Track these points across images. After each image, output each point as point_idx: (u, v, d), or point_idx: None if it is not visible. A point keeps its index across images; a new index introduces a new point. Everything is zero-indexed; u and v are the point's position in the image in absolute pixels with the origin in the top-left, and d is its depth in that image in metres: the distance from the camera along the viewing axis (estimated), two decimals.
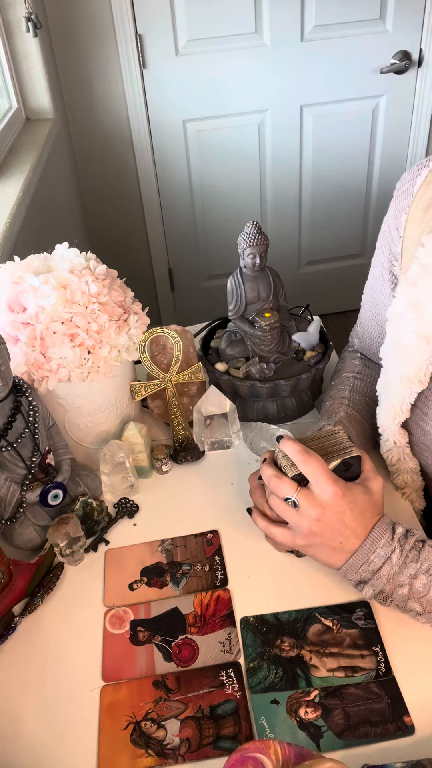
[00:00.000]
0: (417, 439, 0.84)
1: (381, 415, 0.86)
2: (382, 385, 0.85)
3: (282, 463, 0.74)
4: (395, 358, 0.80)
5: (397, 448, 0.86)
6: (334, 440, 0.75)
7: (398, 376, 0.79)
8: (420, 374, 0.77)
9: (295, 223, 2.62)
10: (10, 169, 1.52)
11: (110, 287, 0.91)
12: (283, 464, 0.74)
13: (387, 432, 0.85)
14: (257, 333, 1.02)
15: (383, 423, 0.85)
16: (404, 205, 0.83)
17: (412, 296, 0.76)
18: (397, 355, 0.79)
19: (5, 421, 0.81)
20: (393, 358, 0.81)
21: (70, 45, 2.11)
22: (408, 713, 0.66)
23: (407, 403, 0.80)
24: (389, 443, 0.86)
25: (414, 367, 0.77)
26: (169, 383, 0.98)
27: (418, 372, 0.77)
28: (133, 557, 0.86)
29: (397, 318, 0.79)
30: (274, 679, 0.70)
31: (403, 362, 0.78)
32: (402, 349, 0.78)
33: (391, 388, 0.81)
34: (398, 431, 0.84)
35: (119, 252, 2.52)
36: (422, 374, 0.77)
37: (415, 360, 0.77)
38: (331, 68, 2.28)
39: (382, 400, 0.85)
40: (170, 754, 0.65)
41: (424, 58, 2.30)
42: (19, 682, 0.73)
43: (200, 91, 2.25)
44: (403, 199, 0.83)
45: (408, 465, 0.87)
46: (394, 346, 0.80)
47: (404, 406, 0.81)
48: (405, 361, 0.78)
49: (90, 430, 0.95)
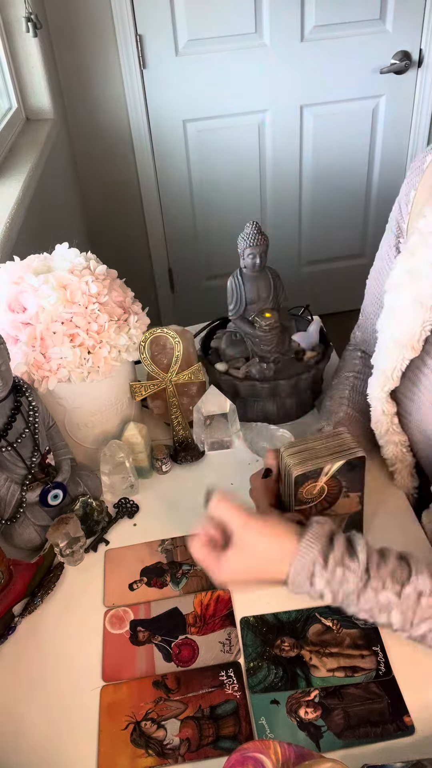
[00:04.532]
0: (404, 409, 0.85)
1: (372, 384, 0.86)
2: (376, 356, 0.85)
3: (287, 462, 0.75)
4: (390, 325, 0.81)
5: (385, 417, 0.86)
6: (339, 441, 0.76)
7: (392, 342, 0.80)
8: (413, 340, 0.77)
9: (295, 223, 2.62)
10: (10, 169, 1.52)
11: (110, 287, 0.91)
12: (288, 463, 0.74)
13: (375, 401, 0.86)
14: (257, 333, 1.02)
15: (373, 392, 0.86)
16: (414, 182, 0.84)
17: (410, 265, 0.77)
18: (392, 322, 0.80)
19: (5, 421, 0.81)
20: (388, 325, 0.81)
21: (70, 45, 2.10)
22: (408, 713, 0.66)
23: (398, 369, 0.81)
24: (377, 412, 0.87)
25: (408, 332, 0.78)
26: (169, 383, 0.98)
27: (412, 337, 0.77)
28: (133, 557, 0.86)
29: (395, 287, 0.80)
30: (274, 679, 0.70)
31: (398, 327, 0.79)
32: (398, 315, 0.79)
33: (385, 355, 0.82)
34: (387, 400, 0.85)
35: (119, 252, 2.52)
36: (416, 340, 0.77)
37: (410, 324, 0.77)
38: (331, 68, 2.28)
39: (375, 370, 0.86)
40: (170, 754, 0.65)
41: (424, 58, 2.30)
42: (19, 682, 0.73)
43: (200, 91, 2.25)
44: (414, 176, 0.85)
45: (396, 437, 0.88)
46: (390, 313, 0.81)
47: (395, 372, 0.81)
48: (400, 326, 0.79)
49: (90, 430, 0.95)
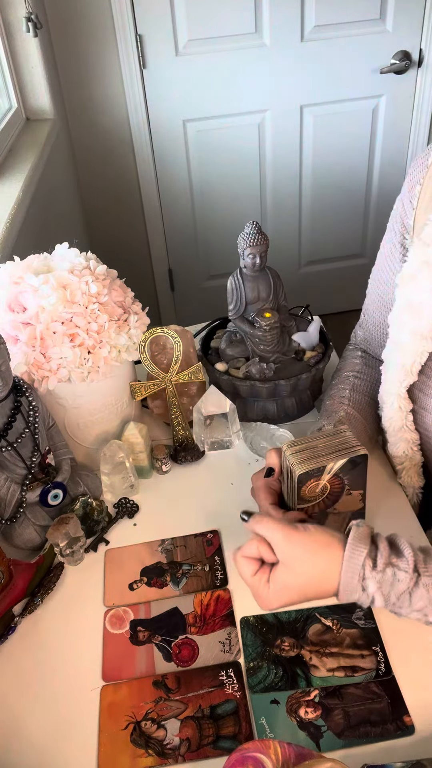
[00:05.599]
0: (420, 405, 0.85)
1: (387, 382, 0.86)
2: (390, 350, 0.85)
3: (290, 461, 0.74)
4: (407, 318, 0.81)
5: (400, 413, 0.86)
6: (341, 439, 0.76)
7: (411, 335, 0.80)
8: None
9: (295, 223, 2.62)
10: (10, 169, 1.52)
11: (110, 287, 0.90)
12: (291, 462, 0.74)
13: (392, 396, 0.86)
14: (257, 333, 1.02)
15: (390, 387, 0.86)
16: (419, 177, 0.85)
17: (426, 256, 0.78)
18: (409, 315, 0.81)
19: (5, 421, 0.81)
20: (404, 319, 0.82)
21: (70, 45, 2.10)
22: (408, 713, 0.66)
23: (418, 363, 0.81)
24: (392, 409, 0.87)
25: (428, 324, 0.78)
26: (169, 383, 0.98)
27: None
28: (133, 557, 0.86)
29: (409, 279, 0.80)
30: (274, 679, 0.70)
31: (416, 320, 0.79)
32: (415, 308, 0.79)
33: (402, 350, 0.82)
34: (405, 396, 0.85)
35: (119, 252, 2.52)
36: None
37: (429, 317, 0.78)
38: (331, 68, 2.28)
39: (389, 366, 0.86)
40: (170, 754, 0.65)
41: (424, 58, 2.30)
42: (19, 682, 0.73)
43: (200, 91, 2.25)
44: (418, 172, 0.85)
45: (408, 435, 0.88)
46: (405, 306, 0.81)
47: (415, 366, 0.82)
48: (418, 319, 0.79)
49: (90, 430, 0.95)
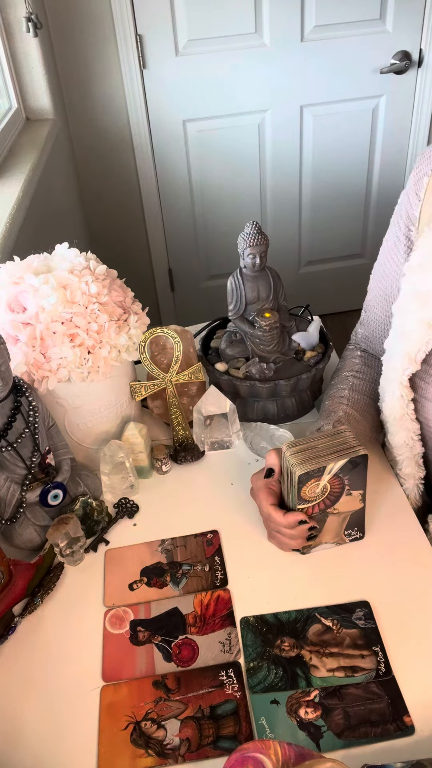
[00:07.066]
0: (421, 395, 0.85)
1: (389, 370, 0.86)
2: (393, 339, 0.85)
3: (290, 461, 0.75)
4: (414, 307, 0.81)
5: (402, 402, 0.86)
6: (341, 439, 0.76)
7: (417, 323, 0.80)
8: None
9: (295, 223, 2.62)
10: (10, 169, 1.52)
11: (110, 287, 0.90)
12: (290, 462, 0.74)
13: (394, 384, 0.86)
14: (257, 333, 1.02)
15: (393, 375, 0.86)
16: (426, 169, 0.85)
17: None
18: (417, 303, 0.80)
19: (5, 421, 0.81)
20: (411, 308, 0.81)
21: (70, 45, 2.10)
22: (408, 713, 0.66)
23: (423, 352, 0.81)
24: (393, 397, 0.86)
25: None
26: (169, 383, 0.98)
27: None
28: (133, 557, 0.86)
29: (417, 268, 0.80)
30: (274, 679, 0.70)
31: (423, 309, 0.79)
32: (423, 297, 0.79)
33: (407, 338, 0.82)
34: (406, 384, 0.85)
35: (119, 252, 2.52)
36: None
37: None
38: (331, 68, 2.28)
39: (392, 355, 0.86)
40: (170, 754, 0.65)
41: (424, 58, 2.30)
42: (19, 682, 0.73)
43: (200, 91, 2.25)
44: (426, 165, 0.85)
45: (409, 425, 0.88)
46: (413, 295, 0.81)
47: (419, 355, 0.81)
48: (425, 307, 0.79)
49: (90, 430, 0.95)
